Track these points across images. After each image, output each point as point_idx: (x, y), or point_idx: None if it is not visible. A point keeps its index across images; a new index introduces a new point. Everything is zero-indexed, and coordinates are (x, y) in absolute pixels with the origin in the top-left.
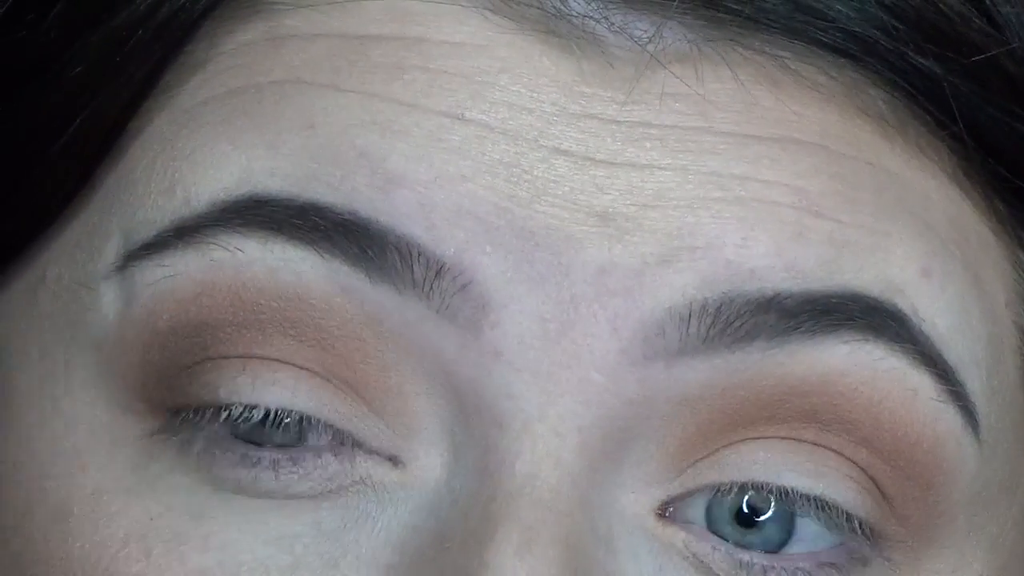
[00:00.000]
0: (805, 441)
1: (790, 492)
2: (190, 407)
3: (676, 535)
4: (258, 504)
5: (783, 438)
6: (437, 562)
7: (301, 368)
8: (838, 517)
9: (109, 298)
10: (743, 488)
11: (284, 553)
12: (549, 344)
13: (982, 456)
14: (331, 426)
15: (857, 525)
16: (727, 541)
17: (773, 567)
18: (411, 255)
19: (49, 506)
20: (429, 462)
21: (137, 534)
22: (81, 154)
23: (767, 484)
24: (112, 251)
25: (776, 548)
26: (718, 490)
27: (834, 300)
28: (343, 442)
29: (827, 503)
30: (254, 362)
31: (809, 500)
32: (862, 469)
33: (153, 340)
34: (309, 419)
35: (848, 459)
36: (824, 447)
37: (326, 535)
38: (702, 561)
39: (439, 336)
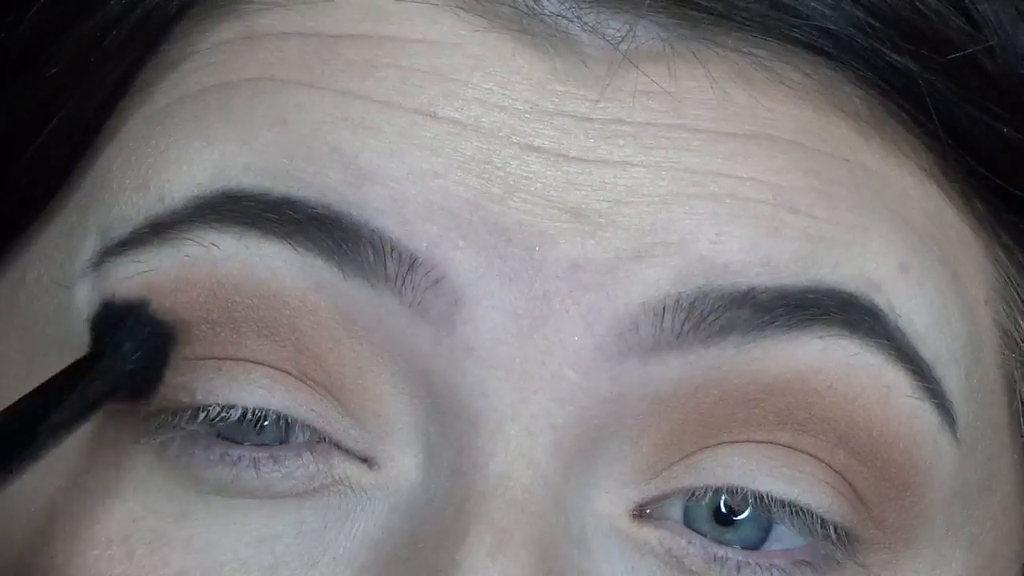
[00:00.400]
0: (781, 445)
1: (765, 497)
2: (168, 409)
3: (651, 534)
4: (240, 504)
5: (759, 442)
6: (411, 563)
7: (276, 368)
8: (812, 523)
9: (85, 296)
10: (718, 492)
11: (265, 554)
12: (522, 340)
13: (960, 455)
14: (309, 426)
15: (832, 531)
16: (704, 537)
17: (748, 563)
18: (384, 249)
19: (32, 509)
20: (404, 463)
21: (120, 536)
22: (58, 154)
23: (742, 488)
24: (89, 250)
25: (753, 546)
26: (692, 494)
27: (809, 295)
28: (320, 441)
29: (802, 508)
30: (229, 363)
31: (784, 505)
32: (838, 473)
33: None
34: (287, 419)
35: (824, 463)
36: (800, 451)
37: (307, 535)
38: (676, 557)
39: (412, 332)
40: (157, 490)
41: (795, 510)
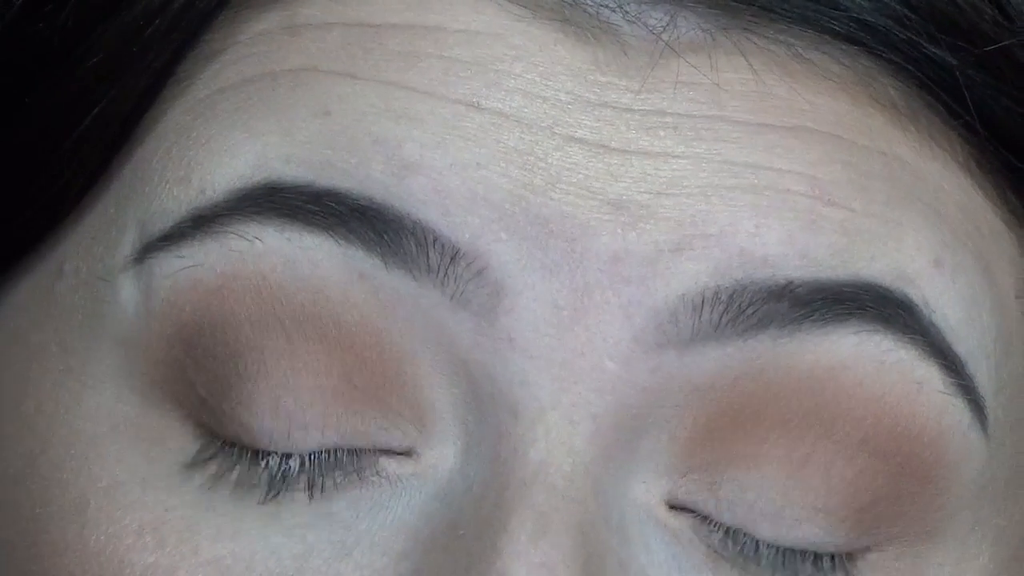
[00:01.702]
0: (795, 463)
1: (760, 544)
2: (224, 440)
3: (686, 522)
4: (272, 494)
5: (777, 462)
6: (450, 549)
7: (326, 389)
8: (805, 557)
9: (128, 291)
10: (728, 530)
11: (296, 542)
12: (563, 331)
13: (988, 450)
14: (354, 449)
15: (824, 561)
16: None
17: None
18: (426, 240)
19: (66, 498)
20: (443, 451)
21: (152, 526)
22: (97, 144)
23: (746, 534)
24: (129, 243)
25: None
26: (708, 519)
27: (846, 289)
28: (362, 453)
29: (796, 551)
30: (288, 400)
31: (779, 550)
32: (850, 482)
33: (177, 335)
34: (337, 451)
35: (835, 477)
36: (811, 469)
37: (339, 524)
38: (709, 546)
39: (454, 323)
40: (189, 483)
41: (788, 554)
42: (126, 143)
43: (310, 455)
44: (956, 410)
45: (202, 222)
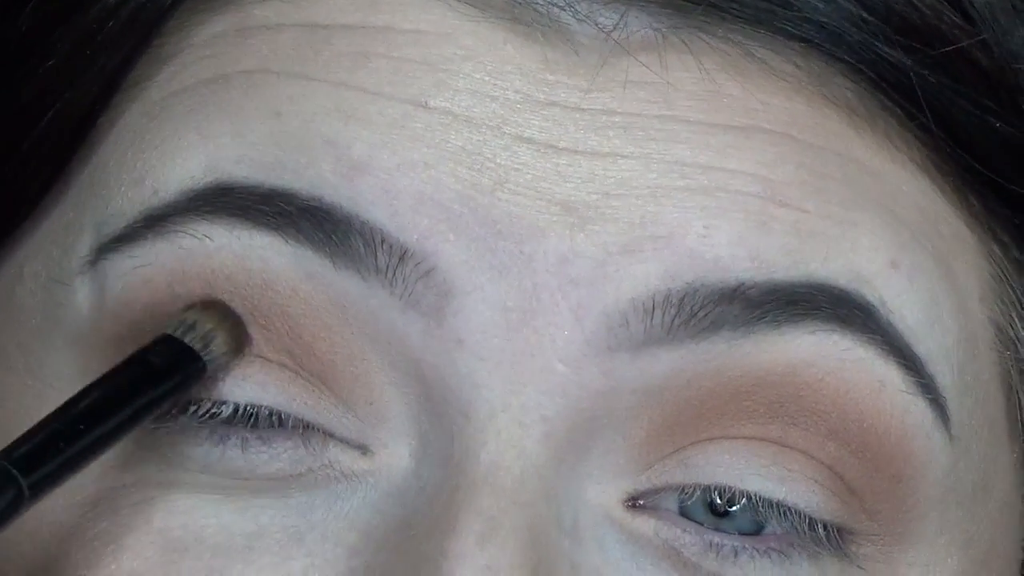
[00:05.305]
0: (770, 441)
1: (754, 496)
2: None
3: (646, 523)
4: (226, 482)
5: (748, 439)
6: (401, 548)
7: (271, 361)
8: (800, 522)
9: (83, 294)
10: (707, 490)
11: (249, 521)
12: (512, 333)
13: (953, 451)
14: (301, 420)
15: (820, 529)
16: (700, 525)
17: (744, 548)
18: (375, 241)
19: None
20: (397, 451)
21: (107, 499)
22: (54, 148)
23: (731, 488)
24: (85, 246)
25: (751, 533)
26: (683, 490)
27: (800, 290)
28: (313, 433)
29: (790, 508)
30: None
31: (772, 505)
32: (828, 466)
33: (127, 334)
34: (280, 414)
35: (814, 458)
36: (790, 448)
37: (293, 508)
38: (672, 546)
39: (404, 323)
40: (145, 463)
41: (783, 510)
42: (83, 146)
43: (245, 408)
44: (918, 410)
45: (153, 222)
